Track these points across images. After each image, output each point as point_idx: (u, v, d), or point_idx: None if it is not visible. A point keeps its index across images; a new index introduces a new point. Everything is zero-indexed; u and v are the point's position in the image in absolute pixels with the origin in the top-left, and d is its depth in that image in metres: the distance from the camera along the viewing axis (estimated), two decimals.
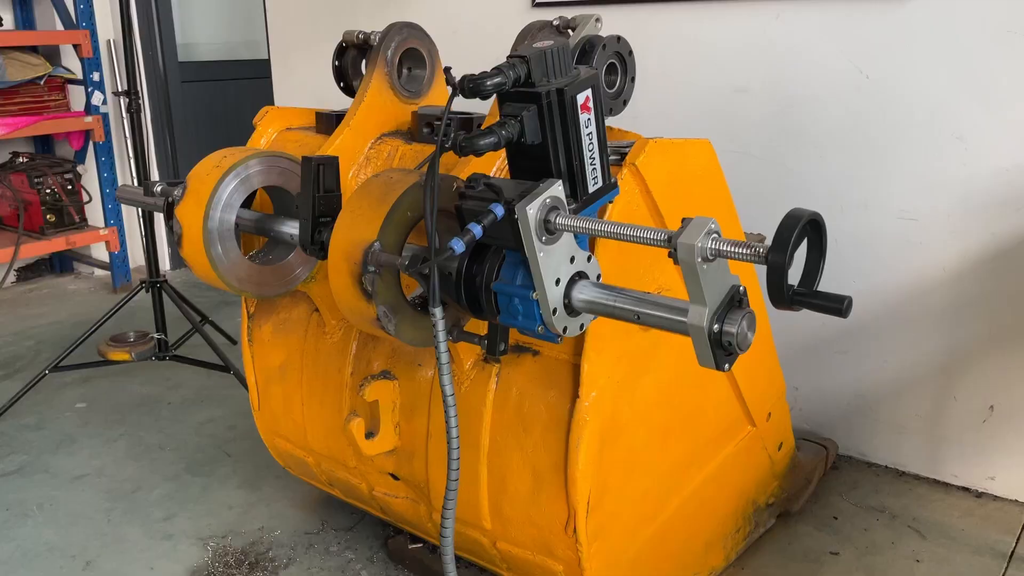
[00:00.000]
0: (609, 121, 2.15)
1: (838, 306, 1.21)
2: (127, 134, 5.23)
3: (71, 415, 3.56)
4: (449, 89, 1.45)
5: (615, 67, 2.01)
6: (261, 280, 2.14)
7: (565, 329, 1.59)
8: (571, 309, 1.58)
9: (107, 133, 4.95)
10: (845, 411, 3.14)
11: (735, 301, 1.39)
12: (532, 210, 1.45)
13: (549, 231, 1.48)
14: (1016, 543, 2.62)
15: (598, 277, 1.63)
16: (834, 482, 2.97)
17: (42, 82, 4.70)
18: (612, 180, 1.63)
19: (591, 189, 1.57)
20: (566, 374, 1.94)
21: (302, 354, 2.43)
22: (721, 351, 1.38)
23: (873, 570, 2.48)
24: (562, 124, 1.50)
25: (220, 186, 2.02)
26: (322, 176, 1.95)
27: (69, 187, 4.91)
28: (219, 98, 5.53)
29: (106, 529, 2.75)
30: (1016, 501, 2.84)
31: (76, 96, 5.05)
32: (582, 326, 1.63)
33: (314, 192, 1.95)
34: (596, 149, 1.56)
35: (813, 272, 1.29)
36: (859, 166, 2.89)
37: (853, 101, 2.85)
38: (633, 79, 2.06)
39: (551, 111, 1.49)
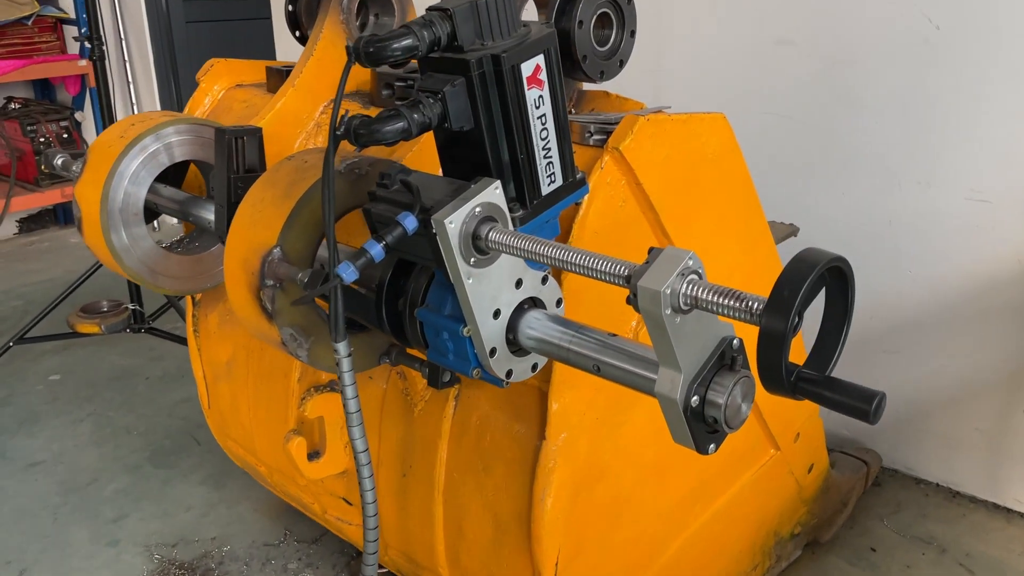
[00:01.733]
0: (605, 85, 1.74)
1: (864, 407, 0.81)
2: (129, 77, 4.93)
3: (42, 389, 3.31)
4: (349, 57, 1.06)
5: (609, 18, 1.58)
6: (180, 273, 1.79)
7: (510, 373, 1.21)
8: (517, 347, 1.20)
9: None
10: (893, 418, 2.71)
11: (725, 361, 0.99)
12: (454, 224, 1.06)
13: (480, 250, 1.09)
14: None
15: (558, 303, 1.24)
16: (875, 502, 2.57)
17: (30, 22, 4.38)
18: (578, 176, 1.22)
19: (545, 191, 1.18)
20: (536, 403, 1.56)
21: (248, 352, 2.09)
22: (702, 427, 0.99)
23: None
24: (501, 104, 1.10)
25: (122, 161, 1.67)
26: (238, 152, 1.59)
27: (65, 135, 4.62)
28: (226, 39, 5.16)
29: (50, 530, 2.49)
30: None
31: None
32: (535, 367, 1.25)
33: (229, 172, 1.59)
34: (553, 137, 1.16)
35: (831, 344, 0.89)
36: (922, 135, 2.42)
37: (918, 56, 2.37)
38: (633, 33, 1.63)
39: (485, 86, 1.09)
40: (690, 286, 0.90)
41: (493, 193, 1.09)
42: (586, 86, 1.81)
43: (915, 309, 2.58)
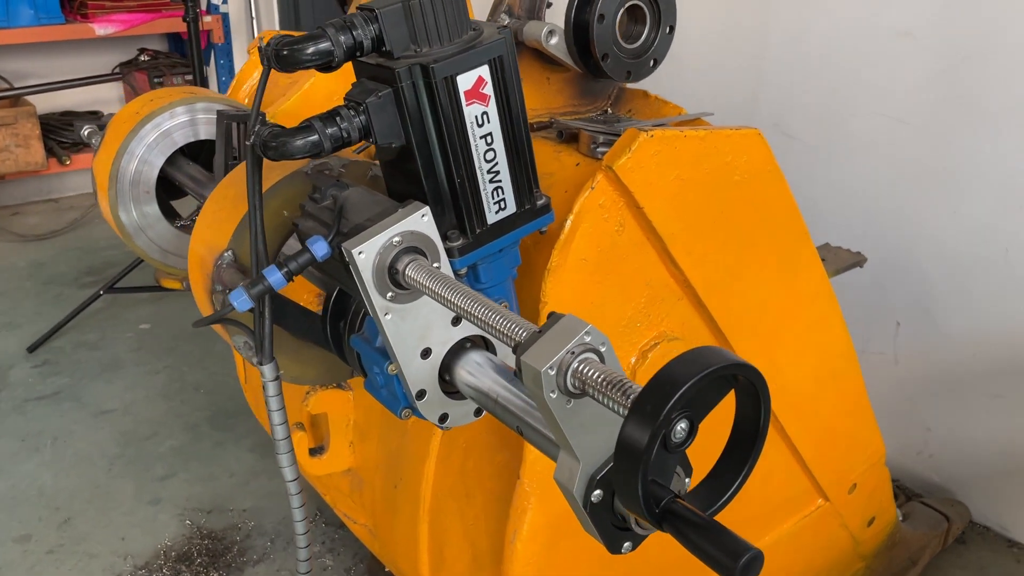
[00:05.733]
0: (645, 85, 1.55)
1: (729, 564, 0.63)
2: (255, 33, 5.01)
3: (131, 336, 3.44)
4: (263, 62, 0.95)
5: (641, 12, 1.39)
6: None
7: (444, 417, 1.09)
8: (453, 389, 1.07)
9: (227, 34, 4.73)
10: (989, 469, 2.39)
11: None
12: (364, 254, 0.93)
13: (398, 284, 0.96)
14: None
15: None
16: (955, 562, 2.28)
17: None
18: (539, 202, 1.07)
19: (492, 219, 1.03)
20: None
21: None
22: (609, 522, 0.84)
23: None
24: (434, 121, 0.96)
25: (133, 138, 1.63)
26: (239, 136, 1.51)
27: None
28: None
29: (102, 480, 2.57)
30: None
31: None
32: (479, 411, 1.12)
33: (227, 157, 1.52)
34: (502, 160, 1.01)
35: (727, 477, 0.71)
36: None
37: None
38: (672, 29, 1.44)
39: (416, 99, 0.95)
40: (582, 367, 0.74)
41: (419, 221, 0.96)
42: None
43: None
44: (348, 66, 1.85)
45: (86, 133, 1.78)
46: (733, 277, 1.41)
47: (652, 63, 1.44)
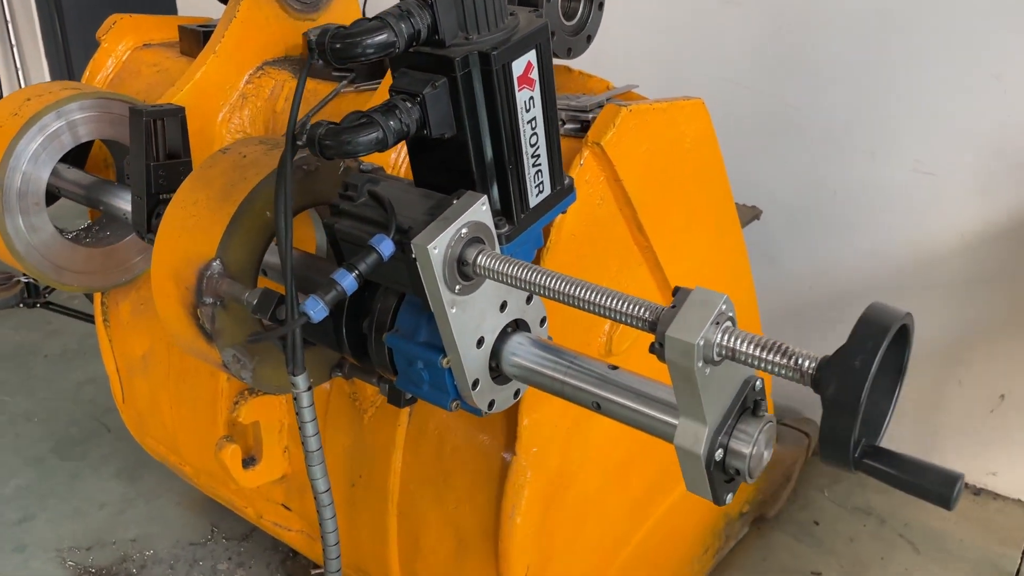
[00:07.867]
0: (570, 62, 1.60)
1: (944, 493, 0.72)
2: (7, 16, 4.47)
3: None
4: (310, 55, 0.89)
5: None
6: (89, 267, 1.59)
7: (491, 404, 1.09)
8: (499, 374, 1.07)
9: None
10: None
11: (748, 405, 0.89)
12: (438, 249, 0.91)
13: (465, 276, 0.95)
14: (1022, 559, 2.26)
15: (542, 322, 1.12)
16: (815, 473, 2.58)
17: None
18: (567, 182, 1.09)
19: (534, 202, 1.04)
20: (501, 413, 1.44)
21: (167, 346, 1.90)
22: (721, 476, 0.90)
23: None
24: (488, 108, 0.95)
25: (18, 143, 1.44)
26: (157, 135, 1.38)
27: None
28: None
29: None
30: (1019, 501, 2.47)
31: None
32: (517, 393, 1.13)
33: (148, 159, 1.38)
34: (542, 142, 1.02)
35: (880, 409, 0.80)
36: (870, 105, 2.37)
37: (870, 24, 2.30)
38: (601, 5, 1.49)
39: (470, 88, 0.94)
40: (726, 336, 0.79)
41: (480, 211, 0.95)
42: None
43: (859, 278, 2.56)
44: (234, 52, 1.75)
45: None
46: (683, 238, 1.51)
47: (587, 39, 1.49)
